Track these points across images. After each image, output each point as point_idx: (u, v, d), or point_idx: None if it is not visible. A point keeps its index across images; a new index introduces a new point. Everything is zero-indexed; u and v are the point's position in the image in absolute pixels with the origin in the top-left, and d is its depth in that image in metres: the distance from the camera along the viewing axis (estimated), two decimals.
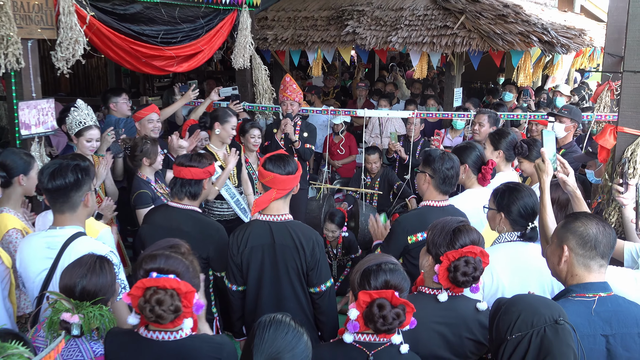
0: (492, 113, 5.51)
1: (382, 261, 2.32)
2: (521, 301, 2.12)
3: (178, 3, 6.14)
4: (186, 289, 2.20)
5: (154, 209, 3.92)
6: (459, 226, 2.62)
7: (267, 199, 3.27)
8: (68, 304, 2.37)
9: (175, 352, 2.24)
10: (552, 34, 7.01)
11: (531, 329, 2.00)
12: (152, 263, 2.25)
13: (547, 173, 3.14)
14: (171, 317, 2.18)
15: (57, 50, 4.81)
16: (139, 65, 5.85)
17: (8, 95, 4.67)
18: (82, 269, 2.45)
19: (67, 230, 2.91)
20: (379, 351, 2.25)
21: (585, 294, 2.39)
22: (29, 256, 2.91)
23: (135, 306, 2.20)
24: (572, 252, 2.43)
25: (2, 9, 4.22)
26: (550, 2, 12.15)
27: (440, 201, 3.59)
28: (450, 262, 2.52)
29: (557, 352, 1.96)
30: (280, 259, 3.26)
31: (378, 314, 2.18)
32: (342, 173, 7.73)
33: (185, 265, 2.30)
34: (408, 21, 7.52)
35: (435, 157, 3.59)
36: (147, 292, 2.16)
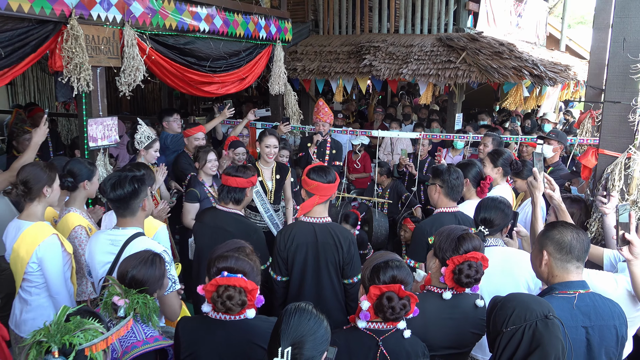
0: (496, 136, 5.53)
1: (389, 259, 2.32)
2: (515, 298, 2.11)
3: (223, 38, 6.22)
4: (252, 287, 2.26)
5: (205, 210, 3.94)
6: (463, 234, 2.60)
7: (311, 203, 3.33)
8: (119, 289, 2.39)
9: (241, 328, 2.31)
10: (541, 69, 6.95)
11: (524, 322, 1.99)
12: (224, 262, 2.30)
13: (539, 189, 3.17)
14: (238, 310, 2.25)
15: (121, 76, 4.89)
16: (190, 89, 5.92)
17: (79, 113, 4.75)
18: (136, 260, 2.48)
19: (128, 231, 2.94)
20: (386, 337, 2.26)
21: (566, 291, 2.40)
22: (95, 249, 2.94)
23: (209, 298, 2.27)
24: (551, 256, 2.45)
25: (77, 41, 4.31)
26: (539, 42, 12.09)
27: (450, 207, 3.66)
28: (455, 265, 2.51)
29: (547, 342, 1.94)
30: (322, 254, 3.32)
31: (387, 305, 2.19)
32: (357, 185, 7.73)
33: (250, 266, 2.34)
34: (417, 56, 7.50)
35: (443, 170, 3.69)
36: (220, 288, 2.23)
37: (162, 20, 5.32)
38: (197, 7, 5.76)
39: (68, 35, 4.28)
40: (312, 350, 1.79)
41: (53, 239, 3.13)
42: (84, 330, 1.79)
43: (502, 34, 9.40)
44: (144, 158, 4.78)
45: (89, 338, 1.78)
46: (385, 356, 2.22)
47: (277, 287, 3.42)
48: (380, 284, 2.23)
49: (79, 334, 1.76)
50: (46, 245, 3.09)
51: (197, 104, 12.84)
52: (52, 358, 1.72)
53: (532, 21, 11.68)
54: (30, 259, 3.09)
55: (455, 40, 7.48)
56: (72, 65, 4.32)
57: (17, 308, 3.29)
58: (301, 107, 7.77)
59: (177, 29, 5.53)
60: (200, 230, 3.71)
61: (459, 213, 3.66)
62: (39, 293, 3.22)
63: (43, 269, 3.12)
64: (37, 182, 3.19)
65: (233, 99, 11.02)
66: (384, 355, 2.22)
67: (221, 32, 6.14)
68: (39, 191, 3.20)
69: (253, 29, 6.66)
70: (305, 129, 7.15)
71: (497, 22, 9.50)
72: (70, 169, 3.56)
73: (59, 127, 9.76)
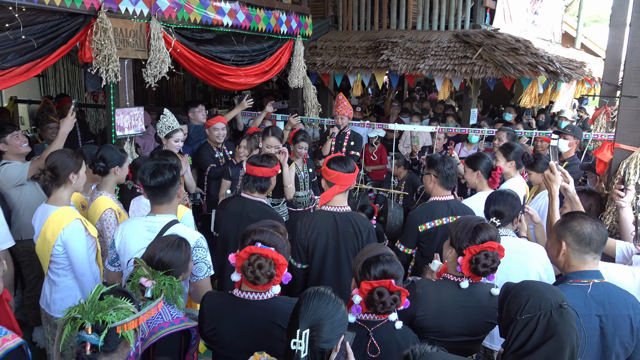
0: (511, 131, 5.48)
1: (380, 253, 2.29)
2: (529, 286, 2.07)
3: (246, 33, 6.22)
4: (282, 261, 2.27)
5: (230, 198, 3.96)
6: (479, 224, 2.57)
7: (331, 193, 3.32)
8: (146, 271, 2.41)
9: (263, 308, 2.31)
10: (556, 65, 6.83)
11: (539, 311, 1.95)
12: (259, 235, 2.31)
13: (556, 182, 3.12)
14: (265, 281, 2.24)
15: (147, 67, 4.91)
16: (217, 81, 5.94)
17: (107, 103, 4.79)
18: (163, 244, 2.49)
19: (164, 218, 2.93)
20: (377, 327, 2.24)
21: (580, 280, 2.38)
22: (131, 236, 2.92)
23: (239, 267, 2.27)
24: (569, 247, 2.43)
25: (105, 34, 4.34)
26: (554, 39, 11.90)
27: (444, 196, 3.64)
28: (472, 255, 2.48)
29: (562, 331, 1.91)
30: (342, 242, 3.32)
31: (378, 300, 2.17)
32: (373, 177, 7.70)
33: (282, 243, 2.35)
34: (434, 52, 7.43)
35: (437, 160, 3.66)
36: (252, 257, 2.23)
37: (187, 15, 5.33)
38: (220, 2, 5.76)
39: (97, 27, 4.31)
40: (329, 333, 1.78)
41: (77, 223, 3.16)
42: (117, 309, 1.81)
43: (518, 31, 9.26)
44: (166, 147, 4.81)
45: (121, 317, 1.80)
46: (375, 347, 2.21)
47: (297, 275, 3.41)
48: (371, 278, 2.21)
49: (111, 313, 1.78)
50: (70, 229, 3.13)
51: (219, 96, 12.87)
52: (85, 334, 1.75)
53: (548, 19, 11.51)
54: (56, 242, 3.13)
55: (471, 36, 7.38)
56: (101, 57, 4.36)
57: (46, 289, 3.35)
58: (320, 100, 7.74)
59: (201, 23, 5.54)
60: (226, 217, 3.72)
61: (452, 201, 3.64)
62: (66, 274, 3.26)
63: (68, 251, 3.16)
64: (64, 169, 3.21)
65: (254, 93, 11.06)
66: (374, 345, 2.21)
67: (244, 26, 6.14)
68: (66, 177, 3.23)
69: (274, 24, 6.65)
70: (323, 122, 7.14)
71: (513, 19, 9.38)
72: (102, 155, 3.60)
73: (87, 117, 9.85)
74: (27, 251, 4.13)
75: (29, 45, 3.91)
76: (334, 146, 6.16)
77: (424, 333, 2.49)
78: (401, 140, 8.27)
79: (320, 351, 1.76)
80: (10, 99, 9.28)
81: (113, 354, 1.84)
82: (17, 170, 4.08)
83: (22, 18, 3.80)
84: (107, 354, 1.82)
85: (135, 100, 4.98)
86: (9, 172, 4.08)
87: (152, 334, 2.27)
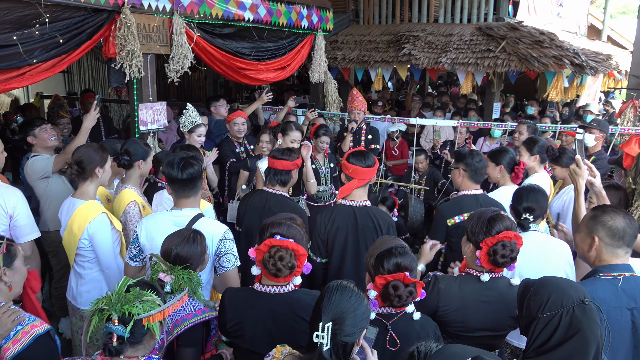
0: (532, 124, 5.36)
1: (392, 245, 2.26)
2: (550, 283, 2.03)
3: (267, 27, 6.23)
4: (302, 251, 2.27)
5: (252, 192, 3.97)
6: (493, 215, 2.54)
7: (350, 187, 3.31)
8: (164, 266, 2.43)
9: (285, 301, 2.32)
10: (582, 58, 6.71)
11: (561, 308, 1.91)
12: (277, 228, 2.31)
13: (582, 177, 3.07)
14: (287, 273, 2.24)
15: (170, 62, 4.95)
16: (237, 76, 5.97)
17: (130, 98, 4.84)
18: (179, 238, 2.49)
19: (190, 212, 2.91)
20: (395, 320, 2.23)
21: (611, 274, 2.35)
22: (156, 231, 2.88)
23: (259, 261, 2.27)
24: (602, 241, 2.39)
25: (129, 29, 4.38)
26: (580, 32, 11.66)
27: (473, 190, 3.61)
28: (489, 247, 2.46)
29: (586, 328, 1.87)
30: (362, 237, 3.31)
31: (394, 294, 2.15)
32: (394, 171, 7.66)
33: (300, 235, 2.35)
34: (456, 45, 7.35)
35: (466, 154, 3.64)
36: (272, 249, 2.23)
37: (208, 10, 5.36)
38: None
39: (121, 23, 4.36)
40: (352, 327, 1.77)
41: (103, 217, 3.21)
42: (143, 301, 1.83)
43: (542, 24, 9.11)
44: (188, 142, 4.85)
45: (147, 309, 1.82)
46: (395, 340, 2.20)
47: (317, 269, 3.41)
48: (385, 272, 2.19)
49: (137, 305, 1.80)
50: (96, 223, 3.17)
51: (240, 92, 12.93)
52: (112, 325, 1.77)
53: (573, 11, 11.28)
54: (82, 235, 3.18)
55: (495, 29, 7.28)
56: (125, 52, 4.41)
57: (72, 281, 3.40)
58: (340, 95, 7.73)
59: (222, 18, 5.56)
60: (248, 211, 3.74)
61: (481, 195, 3.60)
62: (92, 267, 3.31)
63: (94, 244, 3.20)
64: (90, 163, 3.26)
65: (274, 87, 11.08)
66: (393, 339, 2.20)
67: (265, 21, 6.15)
68: (92, 171, 3.28)
69: (295, 19, 6.64)
70: (344, 116, 7.12)
71: (537, 12, 9.22)
72: (127, 148, 3.64)
73: (111, 112, 9.98)
74: (54, 242, 4.22)
75: (54, 41, 3.98)
76: (352, 142, 6.14)
77: (447, 327, 2.48)
78: (423, 134, 8.22)
79: (343, 344, 1.76)
80: (37, 95, 9.46)
81: (139, 345, 1.86)
82: (43, 163, 4.16)
83: (48, 14, 3.86)
84: (133, 346, 1.84)
85: (158, 96, 5.03)
86: (35, 164, 4.16)
87: (175, 326, 2.30)
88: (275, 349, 1.93)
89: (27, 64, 3.83)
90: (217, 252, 2.84)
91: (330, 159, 5.58)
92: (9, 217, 3.34)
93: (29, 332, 2.12)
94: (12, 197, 3.37)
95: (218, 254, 2.84)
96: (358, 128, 6.19)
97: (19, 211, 3.37)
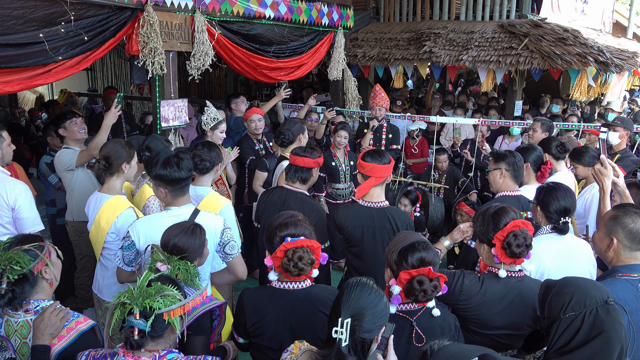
0: (546, 121, 5.28)
1: (415, 240, 2.25)
2: (572, 283, 2.00)
3: (287, 25, 6.24)
4: (316, 245, 2.31)
5: (272, 189, 3.99)
6: (497, 210, 2.54)
7: (367, 185, 3.31)
8: (162, 256, 2.45)
9: (304, 297, 2.35)
10: (607, 55, 6.59)
11: (584, 308, 1.88)
12: (285, 230, 2.34)
13: (607, 176, 3.01)
14: (308, 269, 2.29)
15: (191, 60, 4.99)
16: (255, 74, 5.99)
17: (152, 95, 4.90)
18: (177, 230, 2.53)
19: (188, 209, 2.93)
20: (419, 316, 2.23)
21: (630, 274, 2.33)
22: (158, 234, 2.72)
23: (277, 266, 2.30)
24: (620, 243, 2.38)
25: (152, 27, 4.43)
26: (605, 29, 11.44)
27: (514, 191, 3.57)
28: (502, 241, 2.45)
29: (610, 329, 1.84)
30: (379, 237, 3.32)
31: (419, 289, 2.14)
32: (414, 170, 7.62)
33: (309, 230, 2.38)
34: (478, 42, 7.27)
35: (506, 154, 3.58)
36: (289, 252, 2.26)
37: (230, 7, 5.38)
38: None
39: (144, 21, 4.41)
40: (370, 323, 1.78)
41: (130, 211, 3.27)
42: (164, 296, 1.85)
43: (566, 21, 8.96)
44: (210, 139, 4.88)
45: (168, 304, 1.84)
46: (420, 336, 2.19)
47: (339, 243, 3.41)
48: (409, 267, 2.18)
49: (158, 299, 1.83)
50: (123, 217, 3.23)
51: (260, 89, 12.98)
52: (133, 319, 1.80)
53: (598, 8, 11.07)
54: (110, 229, 3.24)
55: (517, 26, 7.19)
56: (147, 49, 4.46)
57: (99, 274, 3.46)
58: (360, 92, 7.71)
59: (244, 16, 5.58)
60: (268, 207, 3.75)
61: (521, 197, 3.55)
62: None
63: (120, 238, 3.25)
64: (117, 159, 3.33)
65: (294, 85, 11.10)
66: (419, 334, 2.20)
67: (285, 18, 6.16)
68: (119, 167, 3.34)
69: (316, 16, 6.64)
70: (364, 114, 7.10)
71: (561, 9, 9.07)
72: (147, 144, 3.71)
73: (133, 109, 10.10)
74: (77, 231, 4.36)
75: (79, 38, 4.04)
76: (372, 139, 6.11)
77: (466, 322, 2.47)
78: (443, 132, 8.15)
79: (361, 341, 1.76)
80: (61, 92, 9.63)
81: (160, 339, 1.89)
82: (68, 157, 4.27)
83: (73, 12, 3.92)
84: (154, 340, 1.87)
85: (179, 93, 5.07)
86: (61, 157, 4.30)
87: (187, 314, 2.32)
88: (293, 345, 1.94)
89: (53, 61, 3.89)
90: (220, 243, 2.90)
91: (351, 156, 5.57)
92: (10, 209, 3.43)
93: (74, 328, 2.17)
94: (14, 190, 3.45)
95: (222, 244, 2.90)
96: (379, 126, 6.16)
97: (21, 203, 3.45)
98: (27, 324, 2.20)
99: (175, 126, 4.97)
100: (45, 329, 2.09)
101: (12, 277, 2.14)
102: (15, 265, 2.14)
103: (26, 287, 2.20)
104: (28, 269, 2.18)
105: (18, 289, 2.17)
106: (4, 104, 8.94)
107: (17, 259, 2.15)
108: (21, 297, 2.19)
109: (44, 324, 2.09)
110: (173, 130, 4.95)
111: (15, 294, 2.17)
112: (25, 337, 2.20)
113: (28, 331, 2.19)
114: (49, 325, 2.10)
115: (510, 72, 7.11)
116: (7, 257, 2.16)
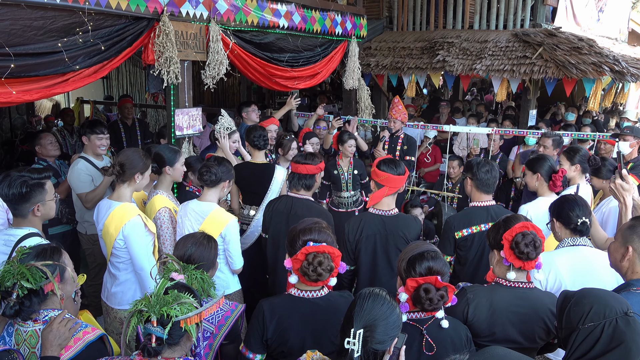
0: (557, 137, 5.26)
1: (425, 250, 2.29)
2: (591, 294, 2.00)
3: (301, 34, 6.29)
4: (337, 253, 2.33)
5: (277, 198, 4.02)
6: (508, 216, 2.61)
7: (380, 194, 3.33)
8: (177, 266, 2.48)
9: (322, 305, 2.38)
10: (622, 64, 6.55)
11: (603, 319, 1.88)
12: (308, 235, 2.37)
13: (629, 192, 2.99)
14: (326, 276, 2.31)
15: (206, 69, 5.05)
16: (269, 83, 6.04)
17: (167, 103, 4.95)
18: (193, 240, 2.60)
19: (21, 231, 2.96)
20: (429, 325, 2.24)
21: None
22: None
23: (297, 269, 2.32)
24: (636, 252, 2.35)
25: (167, 37, 4.49)
26: (621, 38, 11.37)
27: (483, 202, 3.51)
28: (510, 241, 2.47)
29: (630, 340, 1.84)
30: (392, 245, 3.33)
31: (425, 297, 2.16)
32: (427, 178, 7.61)
33: (331, 237, 2.42)
34: (491, 51, 7.27)
35: (473, 164, 3.55)
36: (309, 256, 2.29)
37: (244, 17, 5.45)
38: (277, 4, 5.85)
39: (160, 31, 4.48)
40: (383, 334, 1.78)
41: (137, 219, 3.29)
42: (181, 303, 1.88)
43: (582, 30, 8.93)
44: (221, 147, 4.92)
45: (184, 311, 1.87)
46: (431, 344, 2.20)
47: (343, 275, 3.42)
48: (417, 275, 2.20)
49: (175, 307, 1.85)
50: (131, 225, 3.25)
51: (273, 98, 13.06)
52: (151, 327, 1.83)
53: (614, 16, 11.00)
54: (118, 236, 3.27)
55: (531, 35, 7.18)
56: (163, 59, 4.52)
57: (107, 282, 3.50)
58: (373, 101, 7.73)
59: (258, 25, 5.64)
60: (275, 217, 3.78)
61: (492, 207, 3.49)
62: (126, 268, 3.39)
63: (128, 246, 3.29)
64: (132, 168, 3.37)
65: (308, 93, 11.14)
66: (429, 343, 2.20)
67: (299, 28, 6.21)
68: (131, 176, 3.38)
69: (329, 25, 6.69)
70: (376, 123, 7.12)
71: (577, 17, 9.04)
72: (154, 155, 3.74)
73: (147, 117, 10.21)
74: (90, 239, 4.43)
75: (97, 48, 4.11)
76: (386, 150, 6.12)
77: (475, 338, 2.45)
78: (456, 141, 8.13)
79: (374, 352, 1.76)
80: (77, 100, 9.77)
81: (176, 347, 1.92)
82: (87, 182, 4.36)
83: (91, 22, 4.00)
84: (170, 347, 1.90)
85: (193, 101, 5.13)
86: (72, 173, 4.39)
87: (221, 325, 2.35)
88: (305, 354, 1.95)
89: (71, 70, 3.96)
90: None
91: (356, 165, 5.59)
92: (5, 210, 3.46)
93: (81, 338, 2.19)
94: None
95: None
96: (395, 137, 6.17)
97: None
98: (35, 333, 2.21)
99: (189, 134, 5.02)
100: (54, 340, 2.10)
101: (21, 293, 2.15)
102: (26, 282, 2.14)
103: (35, 301, 2.21)
104: (38, 286, 2.18)
105: (27, 302, 2.19)
106: (21, 112, 9.09)
107: (28, 275, 2.15)
108: (29, 310, 2.20)
109: (52, 335, 2.10)
110: (187, 138, 5.00)
111: (23, 306, 2.18)
112: (34, 347, 2.20)
113: (37, 341, 2.19)
114: (57, 336, 2.11)
115: (524, 81, 7.10)
116: (19, 272, 2.15)
